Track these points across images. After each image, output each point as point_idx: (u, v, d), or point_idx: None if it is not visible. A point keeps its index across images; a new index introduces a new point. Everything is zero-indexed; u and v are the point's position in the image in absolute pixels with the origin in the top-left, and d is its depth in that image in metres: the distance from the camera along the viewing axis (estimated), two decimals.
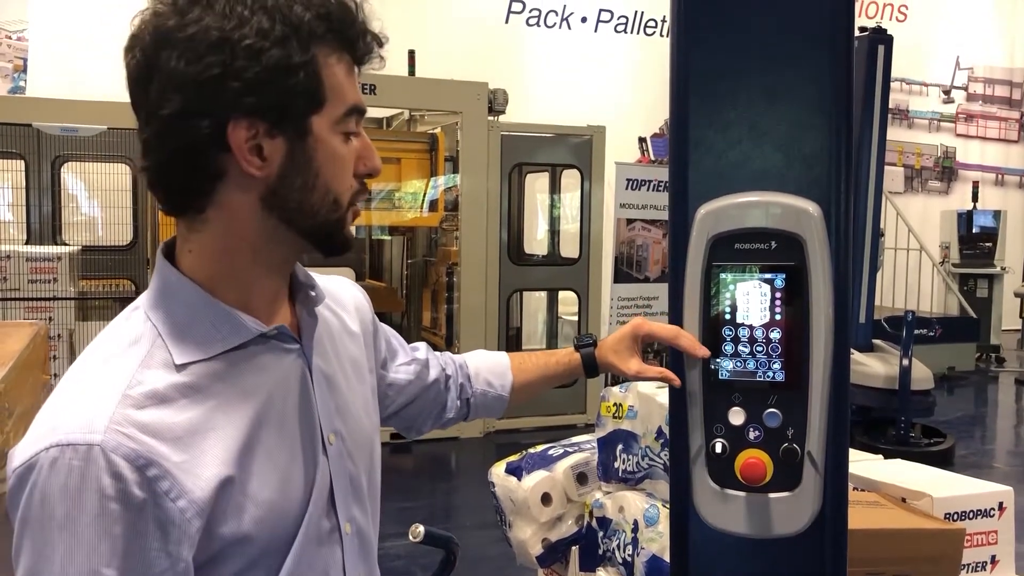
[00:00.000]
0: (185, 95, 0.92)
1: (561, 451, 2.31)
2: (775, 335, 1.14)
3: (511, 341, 6.63)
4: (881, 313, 7.23)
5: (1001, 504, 2.08)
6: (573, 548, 2.26)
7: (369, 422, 1.15)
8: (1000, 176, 12.74)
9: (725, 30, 1.18)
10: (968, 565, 2.00)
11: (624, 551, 2.00)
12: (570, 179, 6.89)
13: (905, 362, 5.68)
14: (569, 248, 7.04)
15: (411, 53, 7.05)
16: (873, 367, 6.07)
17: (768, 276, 1.13)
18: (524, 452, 2.38)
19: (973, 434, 7.11)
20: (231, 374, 0.98)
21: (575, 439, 2.41)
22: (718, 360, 1.15)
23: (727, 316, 1.15)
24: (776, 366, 1.13)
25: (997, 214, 10.24)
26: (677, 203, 1.22)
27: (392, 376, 1.29)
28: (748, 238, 1.14)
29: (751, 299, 1.14)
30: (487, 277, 6.15)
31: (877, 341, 6.55)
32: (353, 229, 1.07)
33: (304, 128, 0.97)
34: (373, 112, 7.17)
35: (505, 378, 1.41)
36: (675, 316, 1.20)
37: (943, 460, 5.44)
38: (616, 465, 2.12)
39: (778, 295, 1.13)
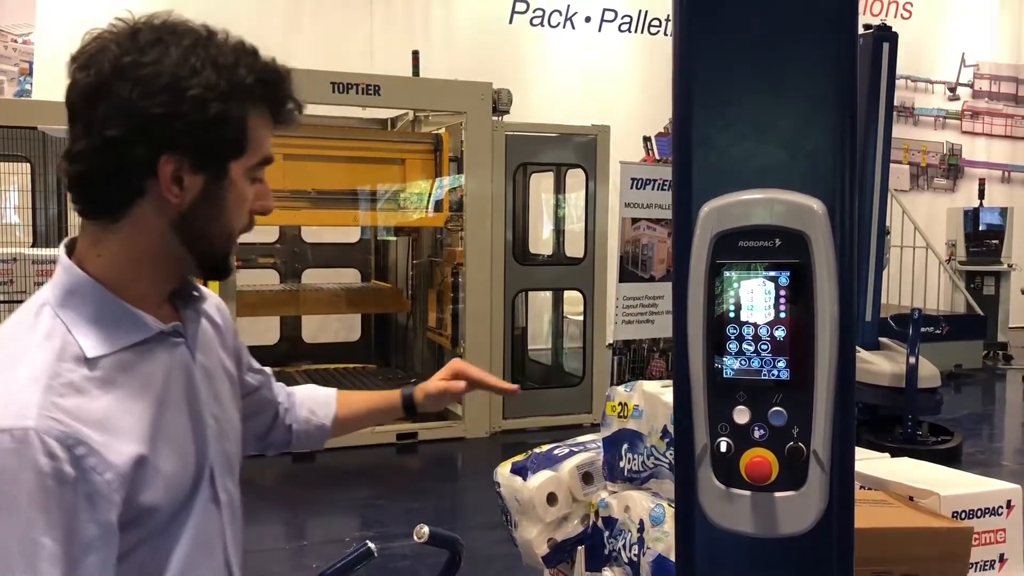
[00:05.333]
0: (131, 123, 1.06)
1: (567, 451, 2.30)
2: (780, 333, 1.13)
3: (516, 341, 6.63)
4: (887, 311, 7.21)
5: (1009, 502, 2.06)
6: (579, 548, 2.25)
7: (235, 410, 1.30)
8: (1006, 173, 12.70)
9: (728, 26, 1.18)
10: (976, 564, 1.99)
11: (630, 551, 1.99)
12: (574, 179, 6.88)
13: (912, 360, 5.67)
14: (574, 248, 7.04)
15: (415, 54, 7.06)
16: (880, 365, 6.05)
17: (772, 274, 1.13)
18: (529, 452, 2.38)
19: (980, 432, 7.09)
20: (134, 366, 1.11)
21: (580, 439, 2.40)
22: (722, 359, 1.15)
23: (731, 314, 1.14)
24: (781, 364, 1.13)
25: (1004, 211, 10.20)
26: (680, 201, 1.21)
27: (243, 377, 1.39)
28: (752, 235, 1.14)
29: (755, 297, 1.13)
30: (492, 277, 6.15)
31: (883, 339, 6.53)
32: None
33: (223, 171, 1.13)
34: (377, 113, 7.19)
35: (328, 408, 1.52)
36: (679, 314, 1.19)
37: (950, 458, 5.42)
38: (622, 465, 2.12)
39: (782, 293, 1.13)
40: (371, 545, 1.43)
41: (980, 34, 12.32)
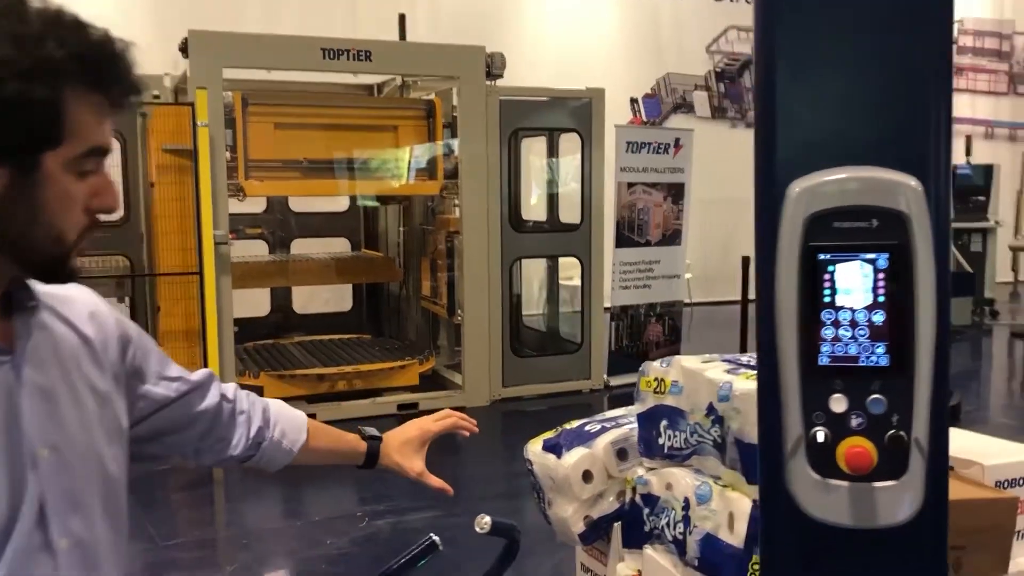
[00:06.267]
0: None
1: (599, 427, 2.27)
2: (878, 318, 1.09)
3: (513, 308, 6.58)
4: None
5: None
6: (615, 524, 2.22)
7: (101, 433, 1.10)
8: (990, 129, 12.72)
9: None
10: (1019, 532, 1.98)
11: (675, 529, 1.97)
12: (568, 143, 6.80)
13: None
14: (569, 214, 6.98)
15: (402, 17, 6.92)
16: None
17: (871, 256, 1.08)
18: (560, 429, 2.34)
19: (973, 389, 7.15)
20: None
21: (611, 414, 2.36)
22: (818, 345, 1.10)
23: (826, 299, 1.10)
24: (880, 350, 1.09)
25: (989, 168, 10.22)
26: (765, 180, 1.16)
27: (146, 388, 1.21)
28: (848, 216, 1.09)
29: (852, 281, 1.09)
30: (489, 244, 6.08)
31: None
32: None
33: (33, 163, 0.95)
34: (364, 79, 7.05)
35: (300, 434, 1.41)
36: (766, 299, 1.15)
37: (952, 417, 5.45)
38: (661, 442, 2.08)
39: (881, 276, 1.08)
40: (435, 538, 1.39)
41: None
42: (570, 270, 7.79)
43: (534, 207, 7.52)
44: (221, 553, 3.77)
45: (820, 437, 1.09)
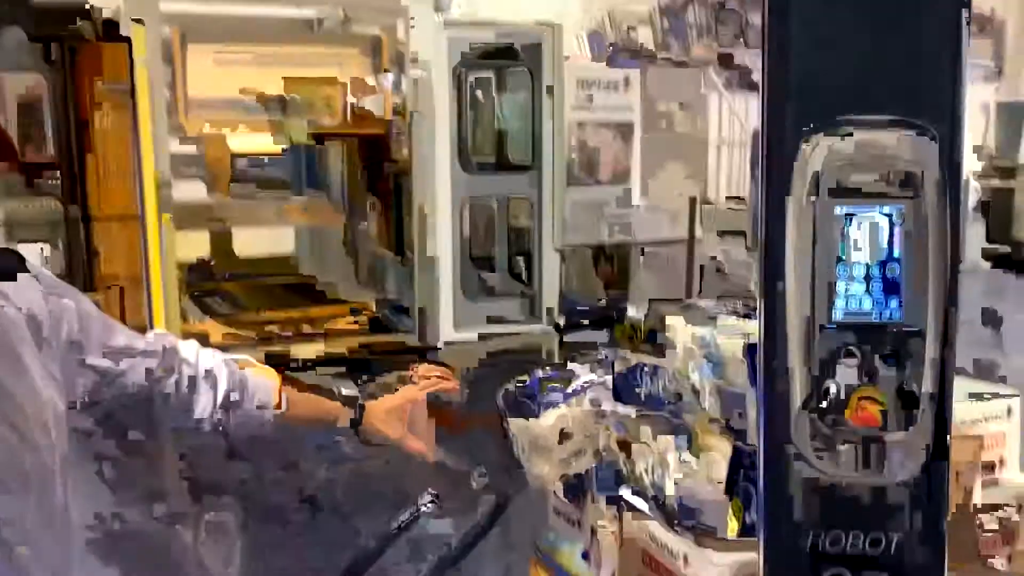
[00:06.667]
0: None
1: (574, 382, 2.27)
2: (892, 272, 1.08)
3: (464, 251, 6.52)
4: None
5: (1009, 409, 2.12)
6: (588, 470, 2.23)
7: (26, 416, 1.04)
8: None
9: None
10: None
11: (653, 474, 1.98)
12: (518, 79, 6.68)
13: None
14: (518, 153, 6.89)
15: None
16: None
17: (886, 210, 1.07)
18: (530, 376, 2.33)
19: None
20: None
21: (582, 366, 2.36)
22: (831, 300, 1.10)
23: (840, 254, 1.09)
24: (893, 304, 1.09)
25: None
26: (778, 131, 1.13)
27: (88, 362, 1.15)
28: (864, 170, 1.07)
29: (866, 235, 1.08)
30: (439, 184, 5.98)
31: None
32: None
33: None
34: (302, 14, 6.79)
35: (271, 397, 1.36)
36: (776, 255, 1.13)
37: None
38: (638, 391, 2.09)
39: (895, 230, 1.07)
40: (435, 493, 1.37)
41: None
42: (516, 210, 7.74)
43: (484, 147, 7.41)
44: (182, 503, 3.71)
45: (831, 393, 1.09)
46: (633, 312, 2.15)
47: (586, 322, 6.50)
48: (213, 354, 1.31)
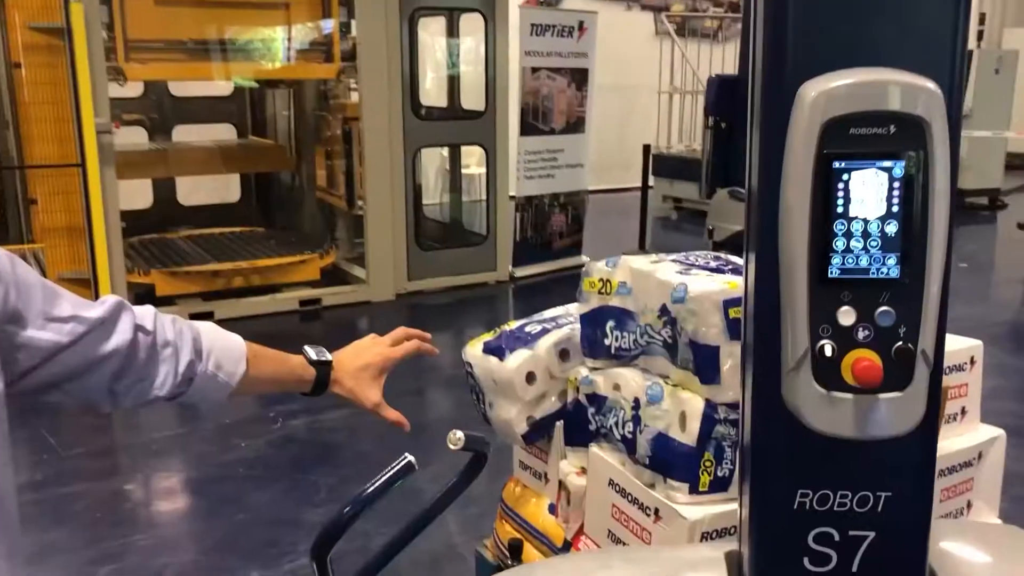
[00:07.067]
0: None
1: (540, 328, 2.22)
2: (891, 228, 1.05)
3: (417, 198, 6.43)
4: None
5: (972, 359, 2.14)
6: (557, 424, 2.21)
7: None
8: None
9: None
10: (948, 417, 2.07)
11: (623, 428, 1.97)
12: (469, 24, 6.53)
13: None
14: (471, 100, 6.77)
15: None
16: None
17: (887, 164, 1.03)
18: (499, 330, 2.29)
19: None
20: None
21: (549, 314, 2.32)
22: (828, 257, 1.06)
23: (839, 209, 1.05)
24: (891, 261, 1.05)
25: None
26: (773, 81, 1.08)
27: (27, 335, 1.00)
28: (865, 122, 1.03)
29: (867, 190, 1.04)
30: (391, 132, 5.85)
31: None
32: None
33: None
34: None
35: (238, 366, 1.24)
36: (770, 209, 1.09)
37: None
38: (607, 342, 2.06)
39: (896, 184, 1.04)
40: (411, 458, 1.32)
41: None
42: (466, 158, 7.64)
43: (435, 93, 7.27)
44: (129, 460, 3.63)
45: (828, 351, 1.06)
46: (602, 264, 2.10)
47: (543, 271, 6.47)
48: (173, 320, 1.19)
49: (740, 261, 2.06)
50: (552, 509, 2.27)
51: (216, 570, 2.73)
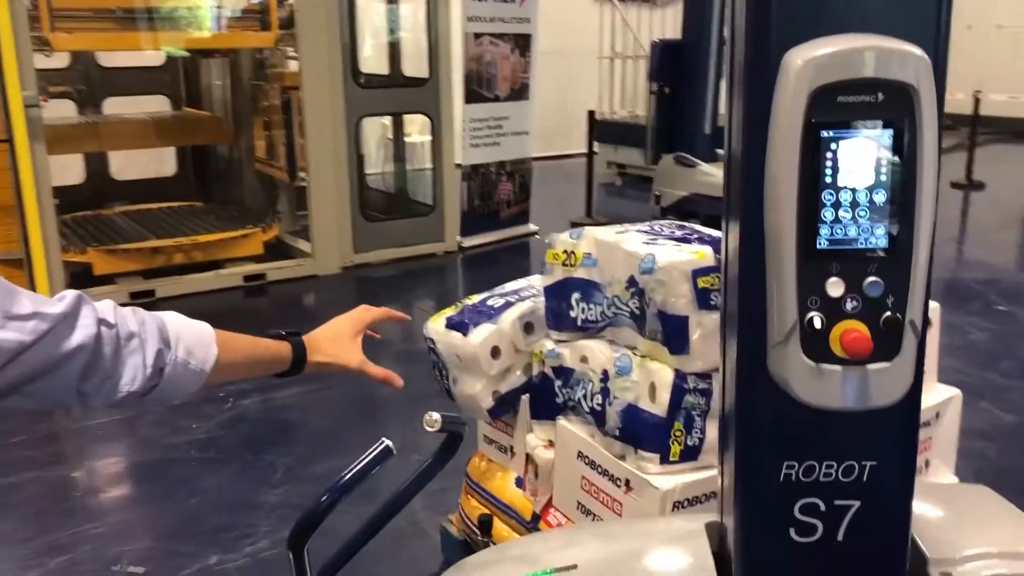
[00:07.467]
0: None
1: (503, 302, 2.20)
2: (879, 198, 1.04)
3: (360, 169, 6.30)
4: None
5: (929, 320, 2.17)
6: (523, 398, 2.20)
7: None
8: None
9: None
10: None
11: (592, 400, 1.96)
12: None
13: None
14: (412, 67, 6.64)
15: None
16: (719, 177, 6.21)
17: (875, 132, 1.02)
18: (460, 305, 2.26)
19: None
20: None
21: (511, 287, 2.29)
22: (816, 228, 1.05)
23: (828, 179, 1.04)
24: (879, 231, 1.05)
25: None
26: (757, 48, 1.06)
27: None
28: (853, 90, 1.01)
29: (855, 159, 1.03)
30: (332, 101, 5.71)
31: (720, 151, 6.72)
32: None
33: None
34: None
35: (208, 351, 1.18)
36: (755, 180, 1.07)
37: None
38: (573, 315, 2.04)
39: (884, 153, 1.03)
40: (388, 443, 1.28)
41: None
42: (407, 127, 7.52)
43: (376, 61, 7.12)
44: (74, 447, 3.51)
45: (817, 323, 1.05)
46: (565, 235, 2.08)
47: (492, 240, 6.42)
48: (133, 311, 1.12)
49: (706, 230, 2.06)
50: (519, 483, 2.26)
51: (174, 556, 2.66)
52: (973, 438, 3.09)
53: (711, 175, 6.17)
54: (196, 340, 1.17)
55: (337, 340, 1.37)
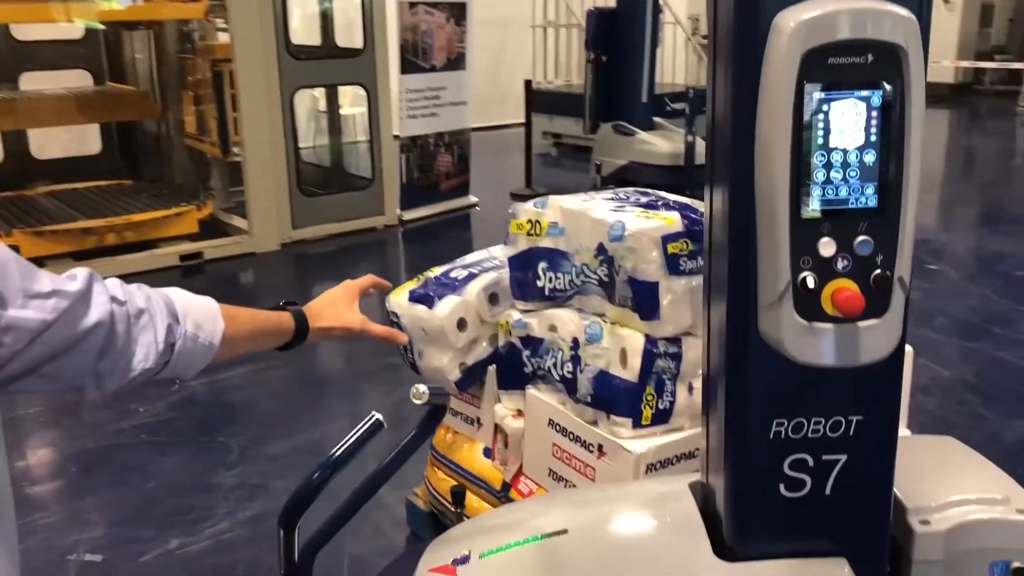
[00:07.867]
0: None
1: (466, 273, 2.19)
2: (870, 158, 1.06)
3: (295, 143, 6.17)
4: (661, 90, 7.45)
5: None
6: (489, 368, 2.19)
7: None
8: None
9: None
10: None
11: (562, 368, 1.96)
12: None
13: (690, 138, 5.96)
14: (345, 38, 6.51)
15: None
16: (659, 145, 6.30)
17: (865, 93, 1.04)
18: (423, 277, 2.24)
19: None
20: None
21: (471, 258, 2.28)
22: (808, 189, 1.07)
23: (819, 141, 1.05)
24: (870, 191, 1.07)
25: None
26: (747, 11, 1.07)
27: (10, 316, 0.92)
28: (843, 51, 1.03)
29: (846, 120, 1.05)
30: (266, 73, 5.57)
31: (657, 119, 6.78)
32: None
33: None
34: None
35: (216, 324, 1.16)
36: (743, 143, 1.08)
37: None
38: (540, 284, 2.04)
39: (874, 114, 1.05)
40: (379, 417, 1.27)
41: None
42: (340, 99, 7.39)
43: (305, 32, 6.95)
44: (16, 435, 3.39)
45: (810, 283, 1.07)
46: (529, 205, 2.07)
47: (432, 213, 6.37)
48: (138, 287, 1.10)
49: (671, 196, 2.07)
50: (487, 453, 2.26)
51: (132, 542, 2.60)
52: (914, 393, 3.20)
53: (650, 143, 6.22)
54: (203, 314, 1.16)
55: (335, 305, 1.38)
